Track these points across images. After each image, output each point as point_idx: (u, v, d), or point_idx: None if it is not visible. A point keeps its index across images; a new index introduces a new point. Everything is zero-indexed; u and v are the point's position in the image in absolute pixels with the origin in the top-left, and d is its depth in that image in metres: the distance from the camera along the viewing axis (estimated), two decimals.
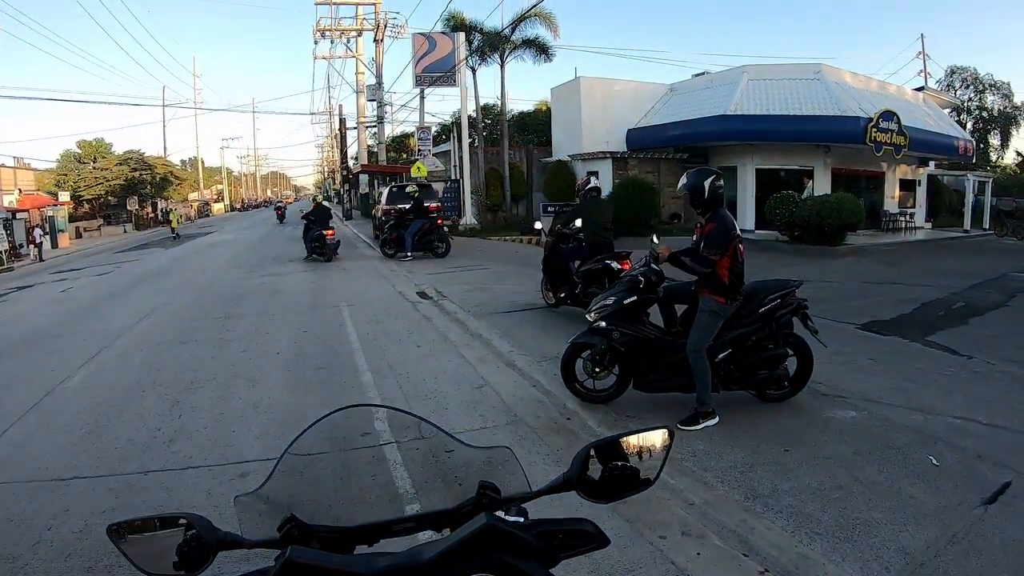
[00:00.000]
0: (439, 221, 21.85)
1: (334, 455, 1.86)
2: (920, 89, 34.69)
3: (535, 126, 43.67)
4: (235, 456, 6.10)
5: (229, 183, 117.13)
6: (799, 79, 26.07)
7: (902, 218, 27.97)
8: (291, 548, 1.36)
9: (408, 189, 23.02)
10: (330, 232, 22.10)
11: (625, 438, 1.56)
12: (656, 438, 1.57)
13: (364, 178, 47.33)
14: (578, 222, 11.35)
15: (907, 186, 30.28)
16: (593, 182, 11.69)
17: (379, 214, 25.27)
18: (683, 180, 6.45)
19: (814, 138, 24.42)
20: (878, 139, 23.53)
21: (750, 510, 4.69)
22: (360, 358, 9.27)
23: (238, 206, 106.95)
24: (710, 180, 6.25)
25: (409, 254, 21.08)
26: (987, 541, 4.26)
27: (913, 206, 30.13)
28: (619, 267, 10.38)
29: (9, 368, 9.92)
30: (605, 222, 11.39)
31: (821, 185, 25.17)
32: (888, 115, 23.93)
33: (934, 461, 5.41)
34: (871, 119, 23.42)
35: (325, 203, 24.64)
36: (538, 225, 15.67)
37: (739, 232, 6.32)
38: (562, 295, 11.54)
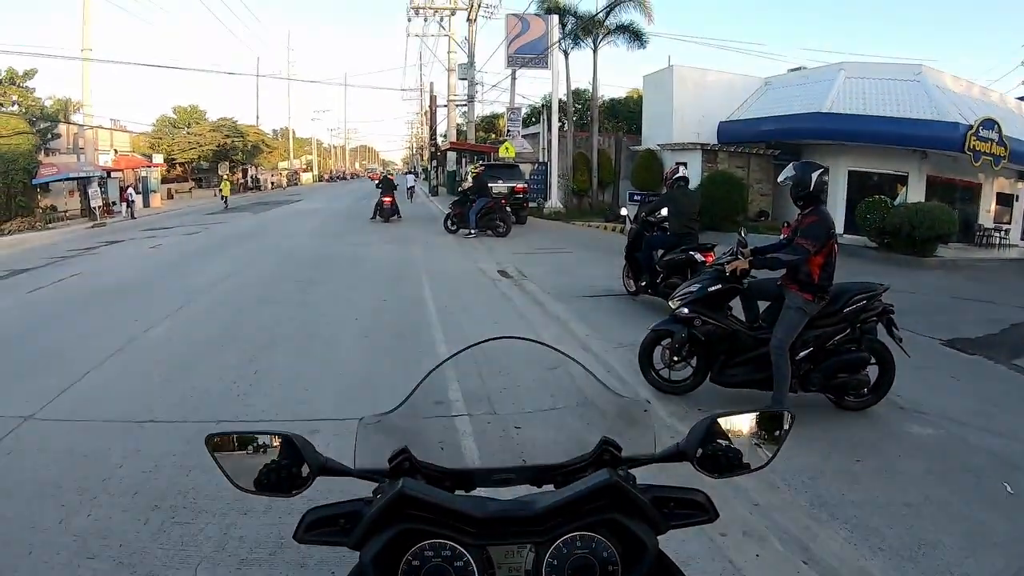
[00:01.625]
0: (503, 201, 22.30)
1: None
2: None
3: (625, 113, 43.28)
4: (307, 413, 6.19)
5: (319, 154, 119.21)
6: (898, 80, 25.06)
7: (997, 234, 26.33)
8: (404, 480, 1.36)
9: (472, 168, 23.70)
10: (387, 199, 26.64)
11: (746, 415, 1.52)
12: (776, 420, 1.53)
13: (452, 155, 47.48)
14: (664, 211, 11.17)
15: (1004, 200, 28.62)
16: (682, 171, 11.35)
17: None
18: (788, 171, 6.23)
19: (910, 142, 23.28)
20: (977, 148, 22.24)
21: (815, 517, 4.55)
22: (437, 330, 9.33)
23: (326, 177, 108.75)
24: (818, 174, 6.03)
25: (473, 231, 21.45)
26: None
27: (1009, 222, 28.44)
28: (702, 259, 10.11)
29: (96, 316, 10.24)
30: (692, 212, 11.12)
31: (915, 192, 23.93)
32: (989, 123, 22.58)
33: (1009, 489, 5.11)
34: (971, 126, 22.12)
35: (390, 176, 29.84)
36: (624, 211, 15.53)
37: (836, 232, 6.12)
38: (643, 284, 11.36)
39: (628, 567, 1.32)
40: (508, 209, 22.48)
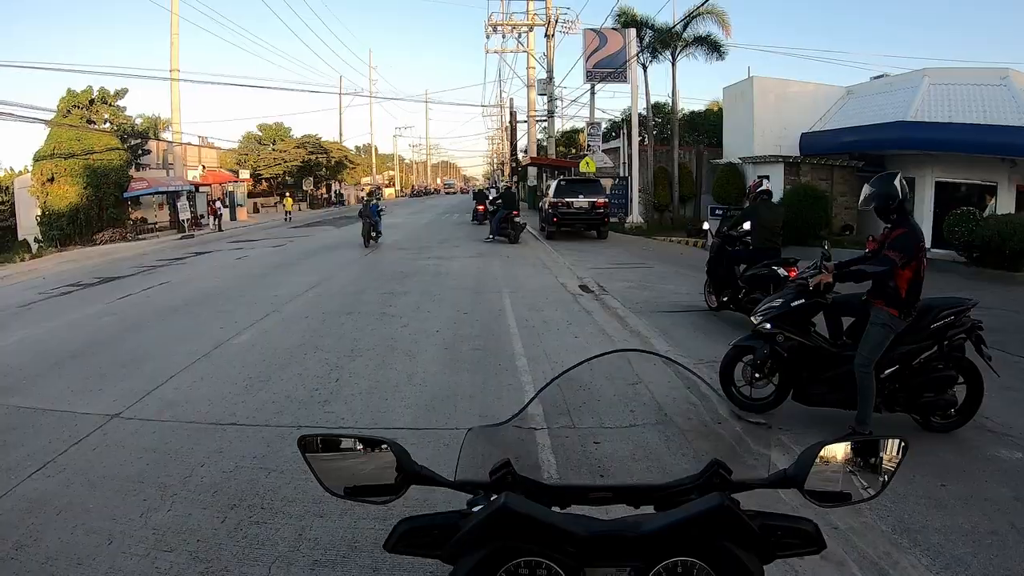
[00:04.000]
0: (515, 213, 24.87)
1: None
2: None
3: (705, 126, 42.89)
4: (385, 422, 6.28)
5: (400, 170, 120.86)
6: (983, 85, 24.10)
7: None
8: (507, 494, 1.33)
9: (500, 184, 26.27)
10: (481, 207, 31.88)
11: (857, 441, 1.50)
12: (887, 448, 1.52)
13: (532, 171, 47.62)
14: (747, 225, 10.99)
15: None
16: (765, 184, 11.19)
17: (546, 206, 25.80)
18: (868, 189, 5.99)
19: (998, 150, 22.17)
20: None
21: (896, 543, 4.39)
22: (517, 342, 9.33)
23: (406, 192, 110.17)
24: (899, 180, 5.82)
25: (492, 236, 25.04)
26: None
27: None
28: (785, 274, 9.89)
29: (184, 322, 10.54)
30: (775, 227, 10.92)
31: (1005, 203, 22.91)
32: None
33: None
34: None
35: (481, 190, 35.37)
36: (706, 226, 15.38)
37: (925, 246, 5.91)
38: (724, 299, 11.23)
39: None
40: (517, 220, 24.84)
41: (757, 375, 6.55)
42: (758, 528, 1.35)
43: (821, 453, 1.45)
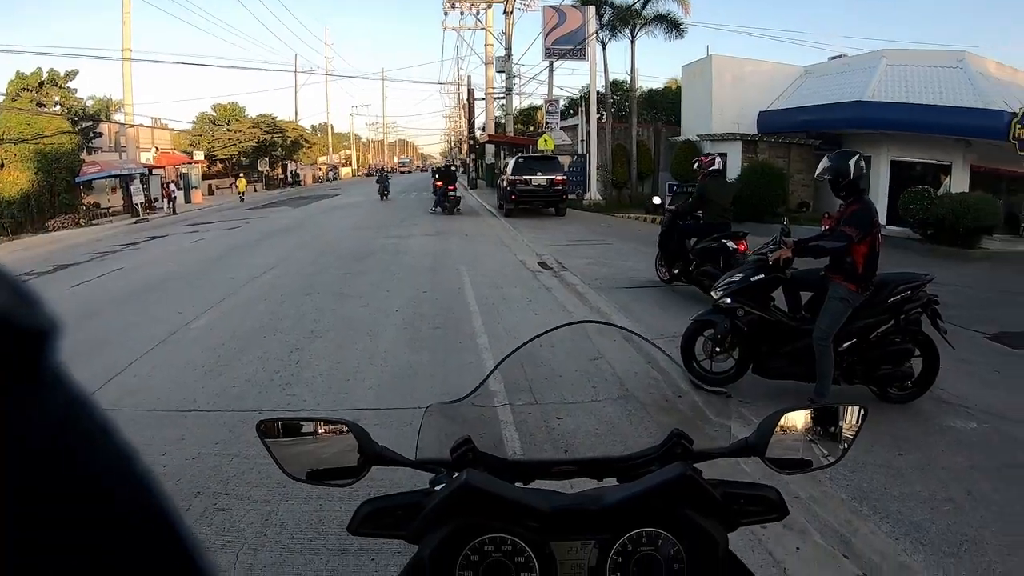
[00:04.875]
0: (451, 187, 27.77)
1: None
2: None
3: (664, 104, 42.88)
4: (348, 403, 6.27)
5: (357, 149, 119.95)
6: (940, 67, 24.37)
7: None
8: (468, 471, 1.33)
9: (445, 163, 30.54)
10: (440, 183, 30.37)
11: (817, 409, 1.51)
12: (847, 415, 1.53)
13: (490, 148, 47.40)
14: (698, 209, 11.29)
15: None
16: (717, 163, 11.31)
17: (504, 184, 25.77)
18: (824, 163, 6.14)
19: (953, 131, 22.49)
20: (1021, 136, 21.14)
21: (856, 511, 4.49)
22: (477, 320, 9.36)
23: (364, 171, 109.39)
24: (855, 160, 5.94)
25: (436, 208, 27.87)
26: None
27: None
28: (735, 247, 10.22)
29: (140, 309, 10.43)
30: (725, 203, 11.18)
31: (959, 182, 23.21)
32: None
33: None
34: (1015, 114, 21.16)
35: (439, 167, 37.72)
36: (656, 200, 15.41)
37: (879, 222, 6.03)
38: (676, 271, 11.42)
39: (694, 565, 1.28)
40: (451, 194, 27.65)
41: (718, 349, 6.65)
42: (721, 496, 1.35)
43: (781, 422, 1.46)
